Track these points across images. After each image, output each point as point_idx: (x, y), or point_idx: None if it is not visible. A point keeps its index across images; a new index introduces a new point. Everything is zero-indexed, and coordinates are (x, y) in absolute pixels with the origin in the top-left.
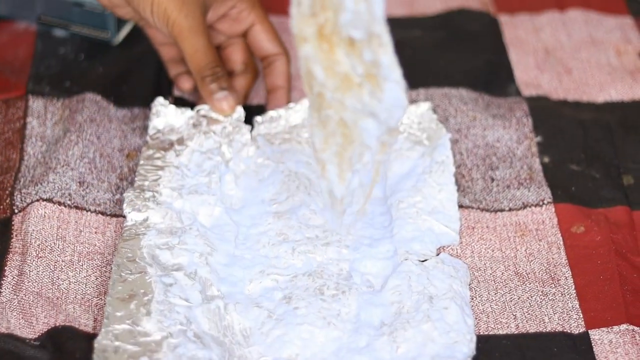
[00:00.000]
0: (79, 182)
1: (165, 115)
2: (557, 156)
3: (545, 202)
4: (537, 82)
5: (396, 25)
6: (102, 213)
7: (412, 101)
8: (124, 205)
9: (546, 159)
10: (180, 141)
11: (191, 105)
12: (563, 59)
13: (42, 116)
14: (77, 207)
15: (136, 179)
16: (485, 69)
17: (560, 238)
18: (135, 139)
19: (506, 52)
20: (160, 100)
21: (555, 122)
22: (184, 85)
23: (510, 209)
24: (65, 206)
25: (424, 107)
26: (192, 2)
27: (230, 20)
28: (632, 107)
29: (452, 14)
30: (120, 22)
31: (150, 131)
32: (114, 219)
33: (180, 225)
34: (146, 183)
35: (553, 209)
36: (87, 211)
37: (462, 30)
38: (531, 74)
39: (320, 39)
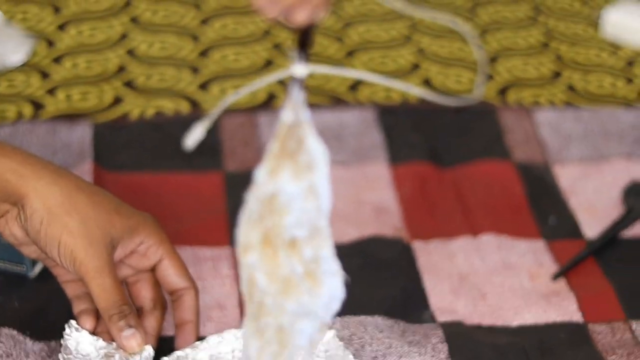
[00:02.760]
0: None
1: (77, 340)
2: None
3: None
4: (452, 308)
5: None
6: None
7: None
8: None
9: None
10: None
11: None
12: (477, 283)
13: None
14: None
15: None
16: (400, 296)
17: None
18: None
19: (421, 279)
20: (73, 323)
21: (471, 347)
22: (85, 324)
23: None
24: None
25: (329, 334)
26: (99, 242)
27: (139, 256)
28: (546, 331)
29: (366, 242)
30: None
31: (63, 355)
32: None
33: None
34: None
35: None
36: None
37: (376, 258)
38: (446, 300)
39: (264, 244)
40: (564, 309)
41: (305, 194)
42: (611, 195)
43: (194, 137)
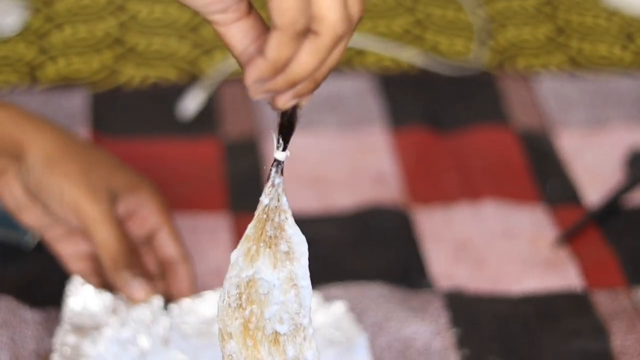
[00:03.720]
0: None
1: (82, 296)
2: (474, 349)
3: None
4: (452, 274)
5: (310, 222)
6: None
7: (326, 299)
8: None
9: (463, 353)
10: (98, 327)
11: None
12: (477, 250)
13: None
14: None
15: None
16: (400, 262)
17: None
18: (52, 340)
19: (420, 246)
20: (78, 279)
21: (471, 314)
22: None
23: None
24: None
25: (340, 307)
26: (101, 191)
27: (139, 220)
28: (546, 298)
29: (365, 209)
30: None
31: (67, 313)
32: None
33: None
34: None
35: None
36: None
37: (376, 226)
38: (445, 267)
39: (245, 334)
40: (564, 275)
41: (284, 285)
42: (611, 161)
43: (192, 104)
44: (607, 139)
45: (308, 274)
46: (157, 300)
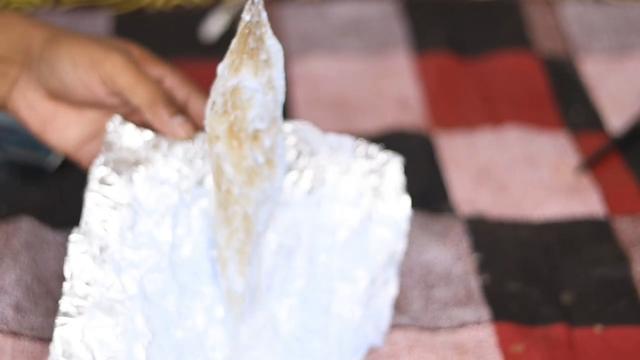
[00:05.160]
0: (15, 308)
1: (121, 133)
2: (495, 275)
3: (484, 320)
4: (473, 200)
5: None
6: (40, 339)
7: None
8: (69, 248)
9: (484, 278)
10: (137, 163)
11: None
12: (499, 177)
13: None
14: (13, 334)
15: (85, 212)
16: (422, 187)
17: (500, 357)
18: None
19: (442, 171)
20: (117, 118)
21: (492, 240)
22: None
23: (448, 328)
24: (1, 333)
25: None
26: (115, 48)
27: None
28: (568, 225)
29: (387, 133)
30: None
31: (105, 147)
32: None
33: (122, 297)
34: (94, 227)
35: (492, 328)
36: (23, 337)
37: (397, 150)
38: (467, 192)
39: (230, 136)
40: (586, 202)
41: (265, 88)
42: (635, 87)
43: (215, 26)
44: (631, 66)
45: (283, 75)
46: (202, 137)
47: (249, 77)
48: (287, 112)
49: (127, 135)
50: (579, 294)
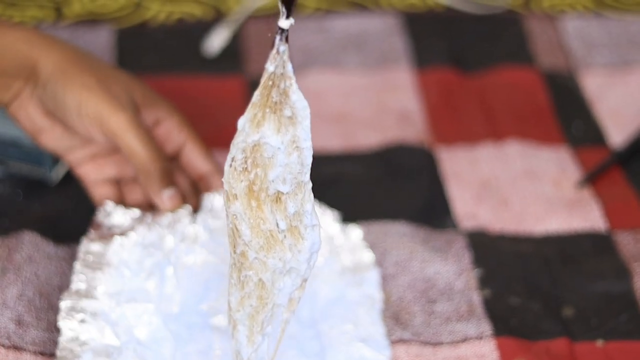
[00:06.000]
0: (17, 322)
1: (111, 215)
2: (497, 289)
3: (486, 335)
4: (475, 215)
5: (334, 159)
6: (41, 354)
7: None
8: (60, 316)
9: (485, 292)
10: (123, 233)
11: None
12: (500, 190)
13: None
14: (15, 348)
15: (73, 277)
16: (424, 202)
17: None
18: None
19: (444, 185)
20: (110, 203)
21: (494, 254)
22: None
23: (450, 343)
24: (3, 347)
25: (356, 233)
26: (121, 98)
27: (161, 141)
28: (569, 239)
29: (389, 148)
30: (59, 161)
31: (94, 224)
32: (54, 359)
33: (116, 343)
34: (83, 287)
35: (493, 343)
36: (25, 352)
37: (399, 165)
38: (469, 207)
39: (249, 196)
40: (587, 217)
41: (288, 148)
42: (636, 102)
43: (217, 41)
44: (632, 80)
45: (310, 135)
46: (185, 209)
47: (271, 134)
48: None
49: (116, 215)
50: (580, 309)
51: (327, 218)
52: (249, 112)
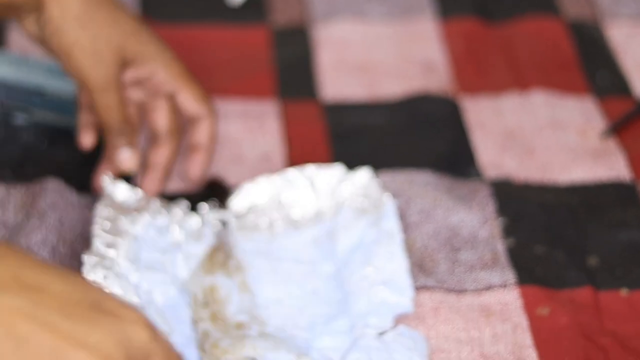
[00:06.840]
0: None
1: (116, 193)
2: (521, 238)
3: (510, 283)
4: (500, 164)
5: (358, 109)
6: None
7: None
8: (84, 270)
9: (509, 241)
10: (137, 209)
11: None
12: (525, 140)
13: (3, 202)
14: None
15: (94, 239)
16: (448, 151)
17: (526, 320)
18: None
19: (468, 135)
20: (106, 179)
21: (518, 203)
22: (85, 140)
23: (474, 291)
24: None
25: (366, 175)
26: (107, 60)
27: (153, 85)
28: (594, 188)
29: (413, 97)
30: None
31: (105, 197)
32: None
33: (138, 301)
34: (104, 249)
35: (517, 291)
36: None
37: (424, 114)
38: (493, 156)
39: (213, 322)
40: (612, 166)
41: (240, 288)
42: None
43: None
44: None
45: (260, 278)
46: (185, 203)
47: (224, 279)
48: (313, 76)
49: (120, 193)
50: (604, 258)
51: (335, 170)
52: (200, 267)
